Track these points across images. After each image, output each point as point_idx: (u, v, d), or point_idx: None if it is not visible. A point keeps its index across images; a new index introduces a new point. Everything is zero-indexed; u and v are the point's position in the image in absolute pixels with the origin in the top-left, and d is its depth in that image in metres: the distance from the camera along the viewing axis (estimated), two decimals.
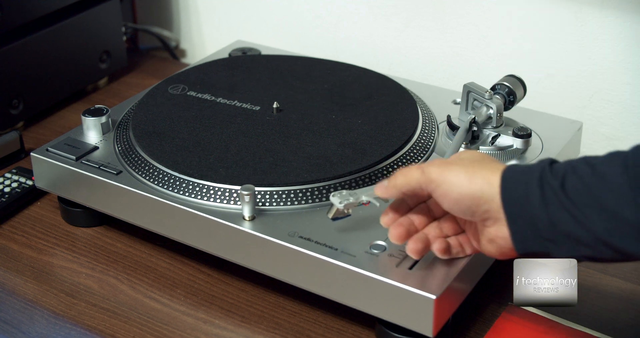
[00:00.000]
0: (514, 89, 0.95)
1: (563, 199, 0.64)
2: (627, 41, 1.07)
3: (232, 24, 1.41)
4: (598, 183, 0.63)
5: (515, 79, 0.96)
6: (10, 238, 0.98)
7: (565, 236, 0.65)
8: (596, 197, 0.63)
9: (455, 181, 0.69)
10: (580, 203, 0.63)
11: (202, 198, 0.86)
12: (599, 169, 0.64)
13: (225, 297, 0.88)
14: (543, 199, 0.65)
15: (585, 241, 0.64)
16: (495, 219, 0.68)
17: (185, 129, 0.96)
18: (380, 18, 1.25)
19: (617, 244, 0.63)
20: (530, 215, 0.66)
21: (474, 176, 0.68)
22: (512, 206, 0.66)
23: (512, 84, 0.95)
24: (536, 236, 0.67)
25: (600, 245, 0.64)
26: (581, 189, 0.64)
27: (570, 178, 0.65)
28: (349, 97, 1.03)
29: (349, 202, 0.78)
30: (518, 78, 0.96)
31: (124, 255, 0.95)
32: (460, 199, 0.69)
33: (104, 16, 1.29)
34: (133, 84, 1.34)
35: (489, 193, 0.67)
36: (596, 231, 0.63)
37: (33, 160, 0.97)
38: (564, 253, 0.66)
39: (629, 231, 0.62)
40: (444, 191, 0.70)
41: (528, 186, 0.66)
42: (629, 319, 0.84)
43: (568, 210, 0.64)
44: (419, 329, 0.76)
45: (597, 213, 0.63)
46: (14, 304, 0.88)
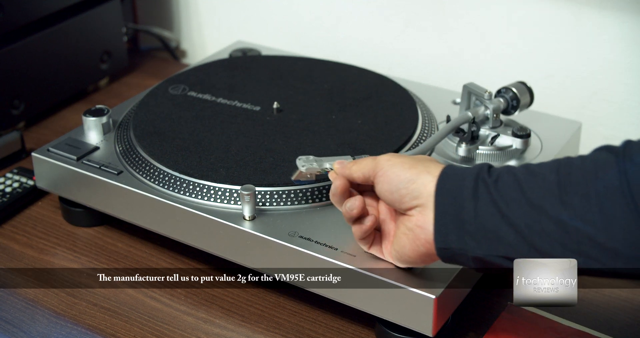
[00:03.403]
0: (518, 94, 0.94)
1: (493, 192, 0.65)
2: (626, 41, 1.07)
3: (233, 24, 1.41)
4: (529, 180, 0.64)
5: (524, 86, 0.95)
6: (11, 238, 0.98)
7: (486, 232, 0.65)
8: (524, 192, 0.64)
9: (399, 165, 0.71)
10: (509, 197, 0.64)
11: (202, 198, 0.86)
12: (533, 169, 0.65)
13: (225, 297, 0.89)
14: (475, 193, 0.66)
15: (505, 238, 0.64)
16: (423, 207, 0.68)
17: (185, 129, 0.96)
18: (380, 18, 1.25)
19: (535, 241, 0.63)
20: (459, 206, 0.66)
21: (418, 164, 0.70)
22: (444, 196, 0.67)
23: (517, 90, 0.94)
24: (458, 230, 0.66)
25: (519, 242, 0.64)
26: (512, 185, 0.65)
27: (505, 176, 0.66)
28: (349, 97, 1.03)
29: (311, 167, 0.79)
30: (527, 86, 0.95)
31: (124, 254, 0.95)
32: (395, 179, 0.70)
33: (104, 17, 1.30)
34: (134, 84, 1.35)
35: (425, 180, 0.69)
36: (518, 225, 0.63)
37: (34, 160, 0.98)
38: (481, 252, 0.66)
39: (548, 227, 0.62)
40: (384, 173, 0.71)
41: (463, 181, 0.67)
42: (628, 319, 0.85)
43: (495, 204, 0.64)
44: (419, 329, 0.76)
45: (522, 207, 0.63)
46: (15, 304, 0.88)
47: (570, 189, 0.62)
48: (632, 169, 0.60)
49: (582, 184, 0.61)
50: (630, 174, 0.60)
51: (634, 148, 0.61)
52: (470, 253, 0.67)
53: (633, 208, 0.59)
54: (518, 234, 0.64)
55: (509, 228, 0.64)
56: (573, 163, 0.63)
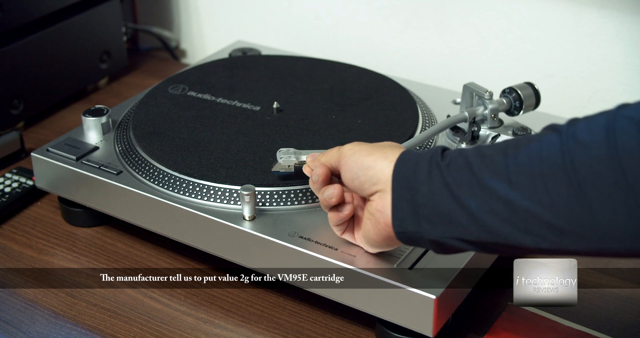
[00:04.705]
0: (522, 95, 0.92)
1: (446, 175, 0.66)
2: (626, 41, 1.07)
3: (232, 24, 1.41)
4: (479, 162, 0.65)
5: (530, 87, 0.94)
6: (10, 238, 0.98)
7: (440, 215, 0.66)
8: (474, 174, 0.64)
9: (358, 153, 0.73)
10: (460, 180, 0.65)
11: (202, 198, 0.86)
12: (483, 150, 0.66)
13: (225, 297, 0.89)
14: (429, 175, 0.67)
15: (457, 220, 0.65)
16: (382, 192, 0.70)
17: (185, 129, 0.96)
18: (380, 18, 1.25)
19: (486, 222, 0.64)
20: (414, 190, 0.67)
21: (376, 151, 0.72)
22: (400, 180, 0.69)
23: (522, 91, 0.93)
24: (414, 213, 0.67)
25: (471, 223, 0.64)
26: (463, 167, 0.65)
27: (457, 158, 0.67)
28: (349, 97, 1.03)
29: (289, 159, 0.84)
30: (533, 87, 0.94)
31: (124, 254, 0.95)
32: (354, 167, 0.72)
33: (104, 16, 1.30)
34: (133, 84, 1.35)
35: (382, 165, 0.70)
36: (469, 207, 0.64)
37: (33, 160, 0.98)
38: (436, 234, 0.67)
39: (497, 207, 0.63)
40: (346, 161, 0.74)
41: (418, 165, 0.68)
42: (628, 319, 0.85)
43: (448, 186, 0.65)
44: (419, 329, 0.76)
45: (472, 189, 0.64)
46: (15, 304, 0.88)
47: (517, 169, 0.62)
48: (575, 148, 0.60)
49: (528, 164, 0.62)
50: (572, 153, 0.60)
51: (577, 126, 0.61)
52: (426, 236, 0.68)
53: (576, 186, 0.59)
54: (469, 215, 0.64)
55: (460, 210, 0.65)
56: (520, 143, 0.64)
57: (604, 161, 0.58)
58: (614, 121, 0.59)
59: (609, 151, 0.58)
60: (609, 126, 0.59)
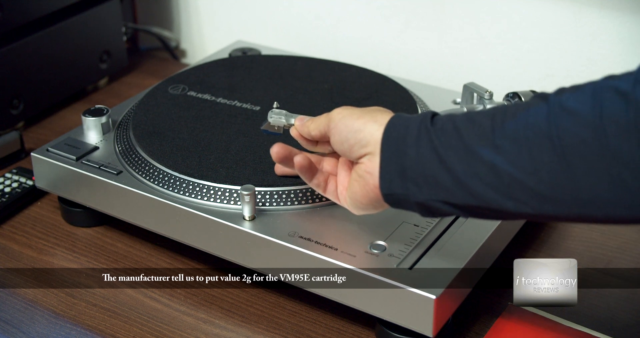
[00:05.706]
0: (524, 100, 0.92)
1: (434, 139, 0.67)
2: (626, 41, 1.07)
3: (232, 24, 1.41)
4: (467, 127, 0.66)
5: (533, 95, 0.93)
6: (10, 238, 0.98)
7: (426, 177, 0.67)
8: (462, 138, 0.65)
9: (348, 117, 0.74)
10: (447, 144, 0.66)
11: (202, 198, 0.86)
12: (471, 116, 0.67)
13: (225, 297, 0.89)
14: (417, 139, 0.68)
15: (443, 183, 0.66)
16: (371, 154, 0.71)
17: (185, 129, 0.96)
18: (380, 18, 1.25)
19: (470, 185, 0.64)
20: (402, 153, 0.68)
21: (365, 114, 0.73)
22: (389, 143, 0.70)
23: (525, 97, 0.92)
24: (401, 176, 0.68)
25: (456, 186, 0.65)
26: (451, 131, 0.66)
27: (445, 123, 0.68)
28: (349, 97, 1.03)
29: (278, 120, 0.84)
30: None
31: (124, 254, 0.95)
32: (344, 130, 0.73)
33: (104, 16, 1.30)
34: (133, 84, 1.35)
35: (372, 128, 0.71)
36: (455, 170, 0.65)
37: (33, 160, 0.98)
38: (422, 197, 0.67)
39: (482, 171, 0.64)
40: (335, 125, 0.74)
41: (407, 129, 0.69)
42: (628, 319, 0.85)
43: (435, 150, 0.66)
44: (419, 329, 0.76)
45: (459, 153, 0.65)
46: (15, 304, 0.88)
47: (503, 135, 0.63)
48: (561, 115, 0.61)
49: (514, 130, 0.63)
50: (558, 120, 0.61)
51: (564, 95, 0.62)
52: (412, 199, 0.68)
53: (560, 153, 0.60)
54: (455, 179, 0.65)
55: (446, 173, 0.66)
56: (508, 110, 0.65)
57: (588, 129, 0.59)
58: (600, 91, 0.60)
59: (594, 120, 0.59)
60: (595, 95, 0.60)
